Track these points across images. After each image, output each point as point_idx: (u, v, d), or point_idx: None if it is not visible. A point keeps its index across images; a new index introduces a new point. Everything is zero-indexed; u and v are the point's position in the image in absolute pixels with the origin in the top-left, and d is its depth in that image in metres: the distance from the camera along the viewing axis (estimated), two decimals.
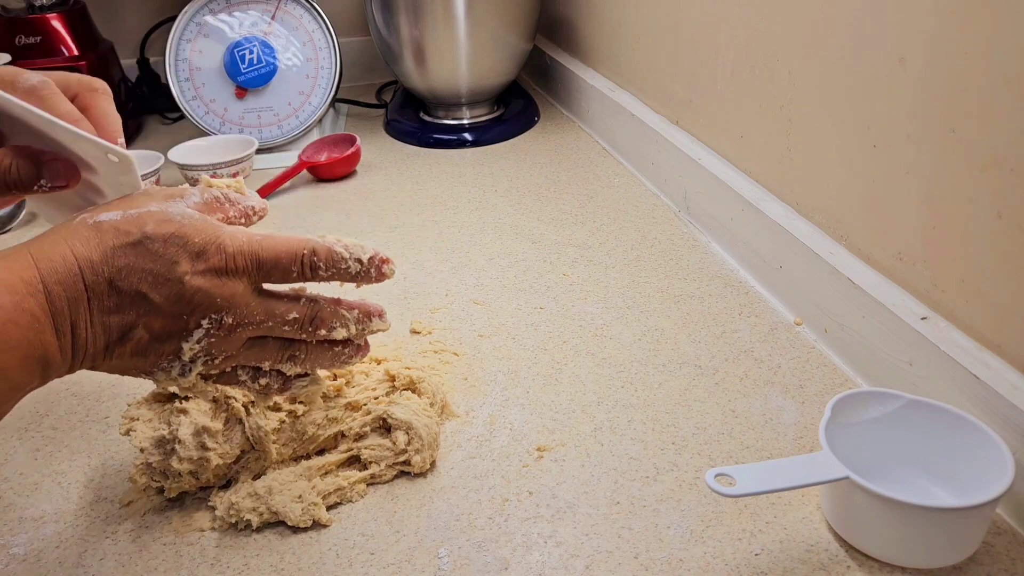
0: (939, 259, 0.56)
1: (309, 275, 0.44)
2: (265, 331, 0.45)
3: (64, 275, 0.40)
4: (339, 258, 0.45)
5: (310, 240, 0.45)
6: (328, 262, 0.45)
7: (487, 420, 0.60)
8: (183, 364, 0.44)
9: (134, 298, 0.41)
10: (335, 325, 0.46)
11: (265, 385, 0.48)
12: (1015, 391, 0.49)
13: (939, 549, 0.46)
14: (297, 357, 0.47)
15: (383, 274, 0.47)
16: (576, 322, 0.72)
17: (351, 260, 0.45)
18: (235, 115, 1.13)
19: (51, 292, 0.39)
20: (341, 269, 0.45)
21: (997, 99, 0.49)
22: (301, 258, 0.44)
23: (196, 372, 0.44)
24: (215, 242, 0.42)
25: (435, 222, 0.93)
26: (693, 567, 0.48)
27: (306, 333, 0.46)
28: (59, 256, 0.40)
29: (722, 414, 0.60)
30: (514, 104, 1.28)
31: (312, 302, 0.46)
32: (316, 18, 1.14)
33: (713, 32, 0.83)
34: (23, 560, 0.50)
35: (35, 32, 1.19)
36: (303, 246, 0.44)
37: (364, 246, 0.46)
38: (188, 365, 0.44)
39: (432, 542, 0.50)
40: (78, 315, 0.40)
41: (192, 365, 0.44)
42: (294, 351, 0.47)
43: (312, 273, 0.44)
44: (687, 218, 0.90)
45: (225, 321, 0.43)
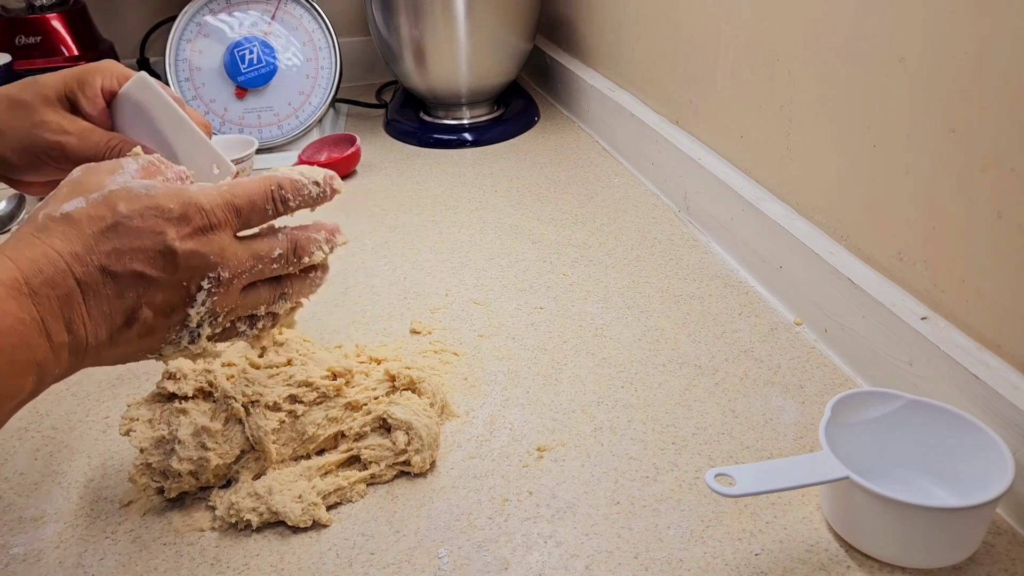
0: (939, 259, 0.56)
1: (281, 208, 0.46)
2: (256, 275, 0.46)
3: (51, 274, 0.39)
4: (300, 184, 0.47)
5: (272, 176, 0.47)
6: (294, 191, 0.47)
7: (487, 420, 0.60)
8: (191, 331, 0.44)
9: (132, 279, 0.41)
10: (313, 249, 0.48)
11: (262, 328, 0.49)
12: (1015, 391, 0.49)
13: (939, 549, 0.46)
14: (287, 294, 0.49)
15: (335, 190, 0.50)
16: (576, 322, 0.72)
17: (310, 184, 0.47)
18: (235, 115, 1.13)
19: (38, 294, 0.38)
20: (305, 195, 0.47)
21: (997, 99, 0.49)
22: (272, 194, 0.46)
23: (205, 335, 0.45)
24: (191, 203, 0.43)
25: (435, 222, 0.93)
26: (693, 567, 0.48)
27: (292, 265, 0.48)
28: (41, 256, 0.39)
29: (722, 414, 0.60)
30: (514, 104, 1.28)
31: (288, 234, 0.48)
32: (316, 18, 1.14)
33: (713, 32, 0.83)
34: (23, 560, 0.50)
35: (35, 32, 1.19)
36: (269, 183, 0.46)
37: (314, 168, 0.49)
38: (196, 331, 0.45)
39: (432, 542, 0.50)
40: (72, 312, 0.39)
41: (199, 330, 0.45)
42: (283, 288, 0.48)
43: (284, 206, 0.46)
44: (687, 218, 0.91)
45: (222, 276, 0.44)
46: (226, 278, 0.44)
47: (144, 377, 0.67)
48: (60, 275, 0.39)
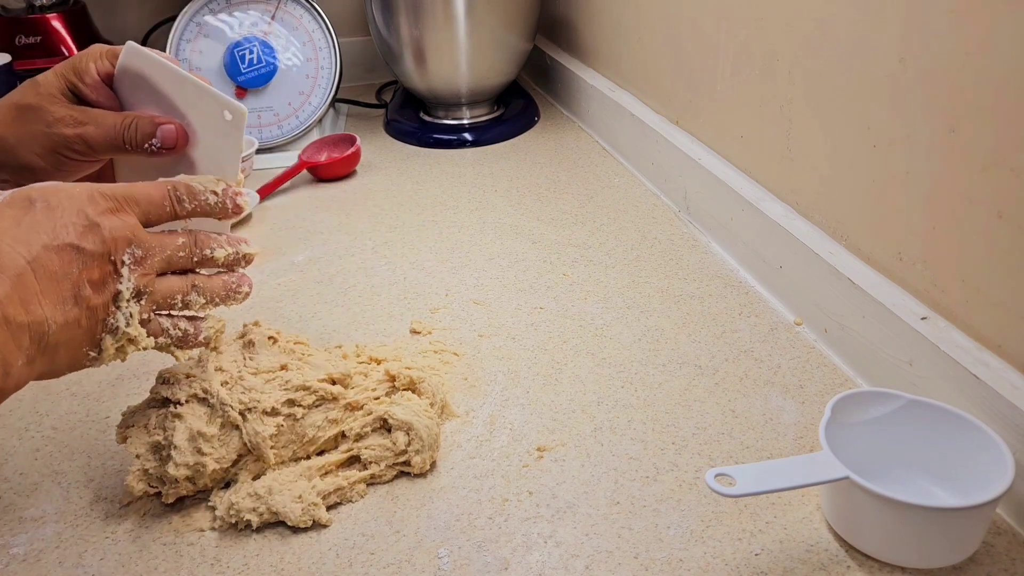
0: (939, 259, 0.56)
1: (177, 207, 0.48)
2: (165, 261, 0.48)
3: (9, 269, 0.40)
4: (197, 191, 0.49)
5: (169, 180, 0.49)
6: (189, 195, 0.48)
7: (487, 420, 0.60)
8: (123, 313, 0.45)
9: (70, 252, 0.42)
10: (214, 245, 0.50)
11: (184, 331, 0.50)
12: (1015, 391, 0.49)
13: (939, 549, 0.46)
14: (199, 287, 0.50)
15: (238, 205, 0.51)
16: (576, 322, 0.72)
17: (207, 192, 0.49)
18: None
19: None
20: (201, 201, 0.49)
21: (997, 99, 0.49)
22: (168, 193, 0.48)
23: (136, 317, 0.46)
24: (95, 189, 0.45)
25: (435, 222, 0.93)
26: (693, 567, 0.48)
27: (196, 255, 0.49)
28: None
29: (722, 414, 0.60)
30: (514, 104, 1.28)
31: (190, 231, 0.50)
32: (316, 18, 1.14)
33: (713, 32, 0.83)
34: (23, 560, 0.50)
35: (35, 32, 1.19)
36: (166, 184, 0.48)
37: (216, 180, 0.50)
38: (126, 310, 0.45)
39: (432, 542, 0.50)
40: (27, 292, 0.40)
41: (129, 308, 0.46)
42: (194, 280, 0.50)
43: (179, 205, 0.48)
44: (687, 218, 0.91)
45: (137, 253, 0.46)
46: (140, 256, 0.46)
47: (144, 377, 0.67)
48: (7, 257, 0.40)
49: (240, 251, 0.51)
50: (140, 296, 0.46)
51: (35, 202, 0.43)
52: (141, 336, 0.47)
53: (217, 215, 0.50)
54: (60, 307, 0.42)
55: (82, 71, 0.52)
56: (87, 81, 0.52)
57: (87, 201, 0.44)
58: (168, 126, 0.51)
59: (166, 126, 0.51)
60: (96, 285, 0.44)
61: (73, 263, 0.43)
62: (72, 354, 0.44)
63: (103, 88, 0.53)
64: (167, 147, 0.51)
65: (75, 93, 0.52)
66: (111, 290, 0.45)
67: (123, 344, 0.46)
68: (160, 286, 0.48)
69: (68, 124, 0.51)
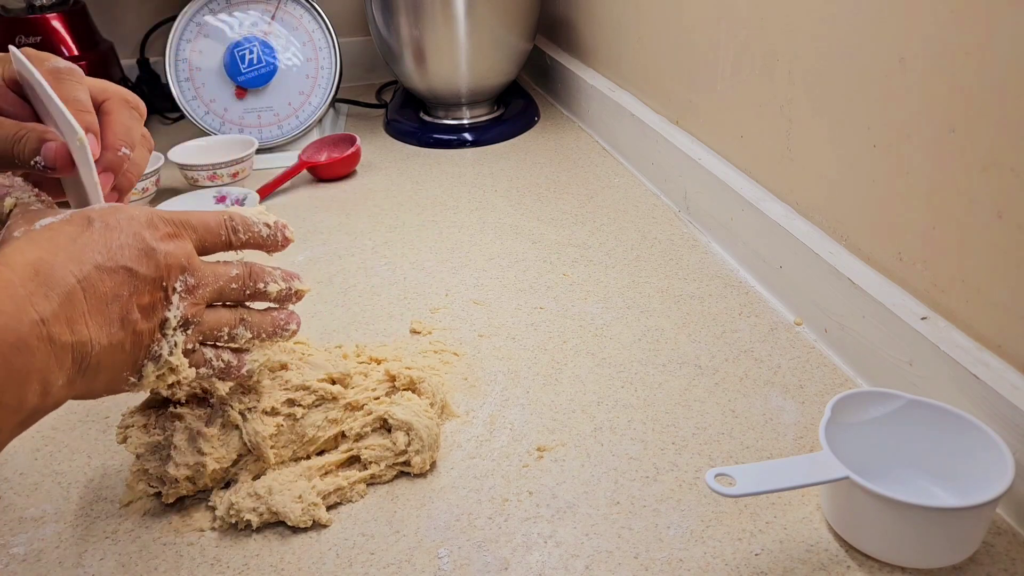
0: (939, 259, 0.56)
1: (232, 238, 0.48)
2: (216, 292, 0.47)
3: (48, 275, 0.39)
4: (251, 222, 0.49)
5: (225, 210, 0.49)
6: (244, 226, 0.49)
7: (487, 420, 0.60)
8: (168, 342, 0.45)
9: (123, 275, 0.42)
10: (267, 279, 0.50)
11: (227, 363, 0.50)
12: (1015, 391, 0.49)
13: (939, 549, 0.46)
14: (247, 321, 0.50)
15: (287, 238, 0.51)
16: (576, 322, 0.72)
17: (260, 224, 0.50)
18: (235, 115, 1.13)
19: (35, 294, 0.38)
20: (255, 232, 0.49)
21: (997, 99, 0.49)
22: (224, 223, 0.48)
23: (180, 347, 0.46)
24: (154, 214, 0.45)
25: (435, 222, 0.93)
26: (693, 567, 0.48)
27: (248, 288, 0.49)
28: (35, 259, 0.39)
29: (722, 414, 0.60)
30: (514, 104, 1.28)
31: (245, 262, 0.50)
32: (316, 18, 1.14)
33: (713, 32, 0.83)
34: (23, 560, 0.50)
35: (35, 32, 1.19)
36: (223, 214, 0.48)
37: (267, 213, 0.51)
38: (172, 338, 0.45)
39: (432, 542, 0.50)
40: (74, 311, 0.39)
41: (175, 338, 0.45)
42: (243, 314, 0.50)
43: (234, 235, 0.48)
44: (687, 218, 0.90)
45: (189, 282, 0.45)
46: (192, 284, 0.45)
47: None
48: (59, 274, 0.39)
49: (293, 287, 0.51)
50: (187, 326, 0.46)
51: (93, 221, 0.42)
52: (183, 366, 0.46)
53: (268, 248, 0.50)
54: (106, 329, 0.41)
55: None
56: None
57: (146, 224, 0.43)
58: (51, 144, 0.45)
59: (49, 144, 0.45)
60: (145, 310, 0.43)
61: (124, 286, 0.42)
62: (112, 377, 0.44)
63: (9, 95, 0.47)
64: (50, 167, 0.45)
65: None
66: (159, 317, 0.44)
67: (164, 372, 0.46)
68: (209, 317, 0.47)
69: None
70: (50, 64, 0.47)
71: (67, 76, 0.47)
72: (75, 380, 0.41)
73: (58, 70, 0.47)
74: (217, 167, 1.01)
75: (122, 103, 0.49)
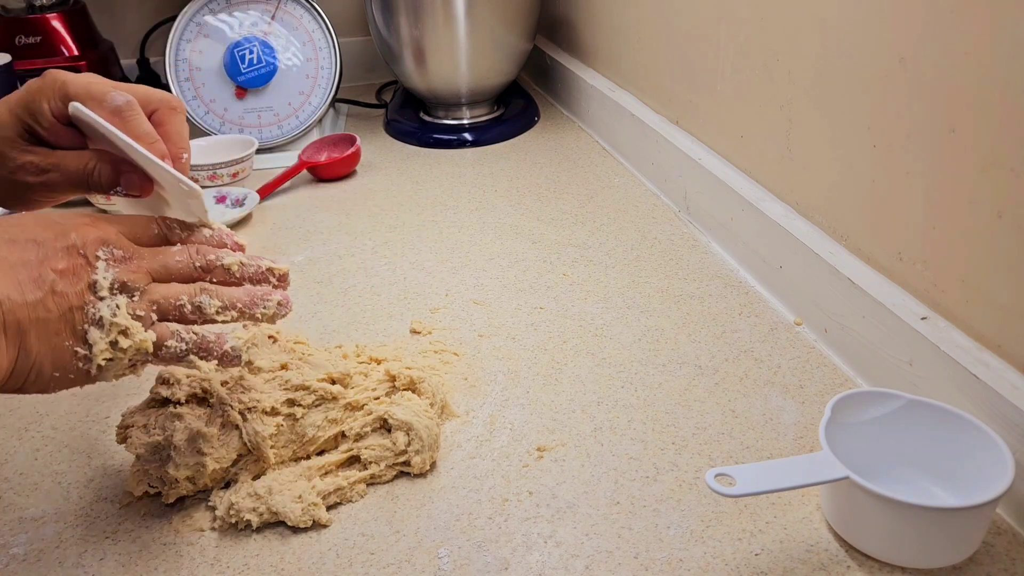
0: (939, 259, 0.56)
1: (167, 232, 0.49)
2: (161, 265, 0.47)
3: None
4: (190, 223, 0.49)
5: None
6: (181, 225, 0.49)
7: (487, 420, 0.60)
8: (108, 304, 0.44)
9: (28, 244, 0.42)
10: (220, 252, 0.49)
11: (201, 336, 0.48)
12: (1015, 391, 0.49)
13: (939, 549, 0.46)
14: (210, 290, 0.48)
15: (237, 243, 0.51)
16: (576, 322, 0.72)
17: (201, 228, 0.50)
18: (235, 115, 1.13)
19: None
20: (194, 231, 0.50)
21: (997, 99, 0.49)
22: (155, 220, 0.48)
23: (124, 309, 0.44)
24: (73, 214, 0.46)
25: (435, 222, 0.93)
26: (693, 567, 0.48)
27: (197, 261, 0.48)
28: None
29: (722, 414, 0.60)
30: (514, 104, 1.28)
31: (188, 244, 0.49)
32: (316, 18, 1.14)
33: (713, 32, 0.83)
34: (23, 560, 0.50)
35: (35, 32, 1.19)
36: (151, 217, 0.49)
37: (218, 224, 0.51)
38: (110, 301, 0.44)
39: (432, 542, 0.50)
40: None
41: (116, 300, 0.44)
42: (203, 285, 0.48)
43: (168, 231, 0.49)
44: (687, 218, 0.91)
45: (116, 253, 0.45)
46: (122, 255, 0.45)
47: (144, 377, 0.66)
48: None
49: (263, 265, 0.50)
50: (129, 291, 0.45)
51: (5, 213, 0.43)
52: (135, 329, 0.45)
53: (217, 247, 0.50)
54: (17, 287, 0.41)
55: (36, 112, 0.49)
56: (43, 124, 0.49)
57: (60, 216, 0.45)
58: (131, 176, 0.49)
59: (129, 176, 0.49)
60: (63, 273, 0.43)
61: (29, 251, 0.42)
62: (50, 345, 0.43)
63: (61, 129, 0.49)
64: (132, 194, 0.49)
65: (31, 134, 0.50)
66: (84, 280, 0.44)
67: (116, 339, 0.44)
68: (159, 287, 0.47)
69: (30, 172, 0.49)
70: (109, 104, 0.48)
71: (129, 114, 0.48)
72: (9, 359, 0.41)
73: (119, 109, 0.48)
74: (217, 167, 1.01)
75: (170, 112, 0.51)
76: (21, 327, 0.41)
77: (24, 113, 0.49)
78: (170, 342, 0.47)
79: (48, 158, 0.49)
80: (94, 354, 0.44)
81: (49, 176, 0.49)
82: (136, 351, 0.45)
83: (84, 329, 0.44)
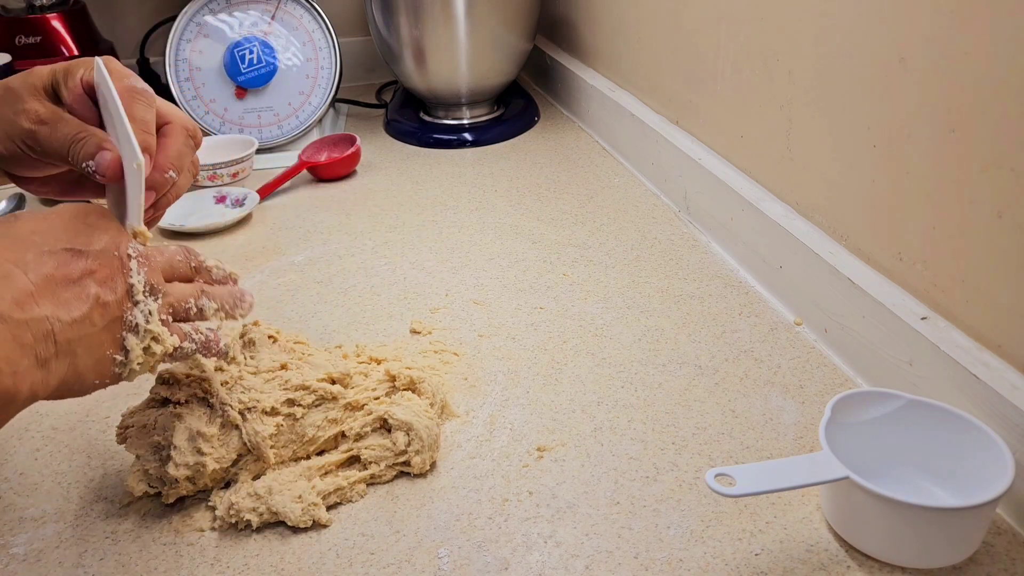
0: (939, 259, 0.56)
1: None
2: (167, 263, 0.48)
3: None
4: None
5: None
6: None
7: (487, 420, 0.60)
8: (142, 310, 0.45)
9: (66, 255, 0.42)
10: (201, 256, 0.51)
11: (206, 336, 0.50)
12: (1015, 391, 0.49)
13: (939, 549, 0.46)
14: (208, 292, 0.50)
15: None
16: (576, 322, 0.72)
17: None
18: (235, 115, 1.13)
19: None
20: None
21: (997, 99, 0.49)
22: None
23: (156, 315, 0.46)
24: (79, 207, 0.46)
25: (435, 222, 0.93)
26: (693, 567, 0.48)
27: (193, 261, 0.50)
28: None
29: (722, 414, 0.60)
30: (514, 104, 1.28)
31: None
32: (316, 18, 1.14)
33: (713, 32, 0.83)
34: (23, 560, 0.50)
35: (35, 32, 1.19)
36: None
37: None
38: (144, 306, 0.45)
39: (432, 542, 0.50)
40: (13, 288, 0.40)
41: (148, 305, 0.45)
42: (202, 286, 0.50)
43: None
44: (687, 218, 0.91)
45: (139, 248, 0.46)
46: (142, 251, 0.46)
47: (144, 377, 0.66)
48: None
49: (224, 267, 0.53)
50: (155, 294, 0.46)
51: (19, 217, 0.43)
52: (165, 335, 0.46)
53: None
54: (64, 307, 0.41)
55: (69, 72, 0.50)
56: (69, 84, 0.49)
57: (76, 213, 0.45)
58: (106, 153, 0.47)
59: (104, 152, 0.47)
60: (104, 282, 0.43)
61: (71, 263, 0.42)
62: (94, 357, 0.43)
63: (83, 98, 0.50)
64: (99, 173, 0.47)
65: (56, 91, 0.50)
66: (123, 285, 0.44)
67: (149, 344, 0.46)
68: (172, 289, 0.48)
69: (29, 118, 0.49)
70: (128, 82, 0.49)
71: (140, 97, 0.49)
72: (49, 361, 0.41)
73: (133, 89, 0.49)
74: (217, 167, 1.01)
75: (182, 130, 0.52)
76: (71, 346, 0.42)
77: (61, 72, 0.50)
78: (185, 344, 0.49)
79: (52, 113, 0.49)
80: (130, 359, 0.45)
81: (41, 128, 0.48)
82: (163, 355, 0.47)
83: (122, 336, 0.45)
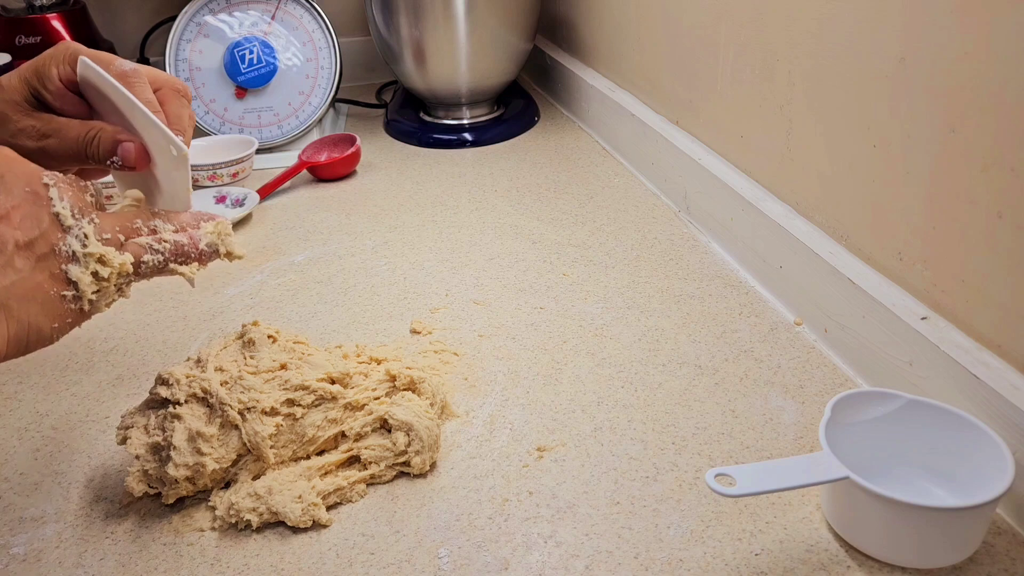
0: (939, 259, 0.56)
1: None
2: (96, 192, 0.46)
3: None
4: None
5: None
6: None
7: (487, 420, 0.60)
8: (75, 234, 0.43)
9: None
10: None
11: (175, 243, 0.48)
12: (1015, 391, 0.49)
13: (939, 549, 0.46)
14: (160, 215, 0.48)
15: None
16: (576, 322, 0.72)
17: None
18: (235, 115, 1.13)
19: None
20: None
21: (997, 99, 0.49)
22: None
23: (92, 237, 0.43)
24: None
25: (435, 222, 0.93)
26: (693, 567, 0.48)
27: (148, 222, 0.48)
28: None
29: (722, 414, 0.60)
30: (514, 104, 1.28)
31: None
32: (316, 18, 1.14)
33: (713, 32, 0.83)
34: (23, 560, 0.50)
35: (35, 32, 1.19)
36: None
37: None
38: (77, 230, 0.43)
39: (432, 542, 0.50)
40: None
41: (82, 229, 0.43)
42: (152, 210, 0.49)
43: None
44: (687, 218, 0.91)
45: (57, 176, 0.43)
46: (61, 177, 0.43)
47: (144, 377, 0.67)
48: None
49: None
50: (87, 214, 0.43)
51: None
52: (110, 253, 0.43)
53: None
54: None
55: (44, 76, 0.48)
56: (50, 88, 0.48)
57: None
58: (128, 144, 0.47)
59: (126, 144, 0.47)
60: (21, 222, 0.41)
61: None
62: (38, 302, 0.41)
63: (67, 95, 0.49)
64: (127, 166, 0.48)
65: (39, 99, 0.49)
66: (47, 217, 0.42)
67: (96, 269, 0.43)
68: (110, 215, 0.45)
69: (30, 136, 0.48)
70: (116, 68, 0.48)
71: (134, 79, 0.48)
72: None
73: (125, 74, 0.48)
74: (217, 167, 1.01)
75: (174, 94, 0.51)
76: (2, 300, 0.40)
77: (33, 77, 0.48)
78: (146, 256, 0.46)
79: (49, 123, 0.48)
80: (81, 291, 0.43)
81: (48, 142, 0.48)
82: (118, 275, 0.44)
83: (64, 270, 0.42)
